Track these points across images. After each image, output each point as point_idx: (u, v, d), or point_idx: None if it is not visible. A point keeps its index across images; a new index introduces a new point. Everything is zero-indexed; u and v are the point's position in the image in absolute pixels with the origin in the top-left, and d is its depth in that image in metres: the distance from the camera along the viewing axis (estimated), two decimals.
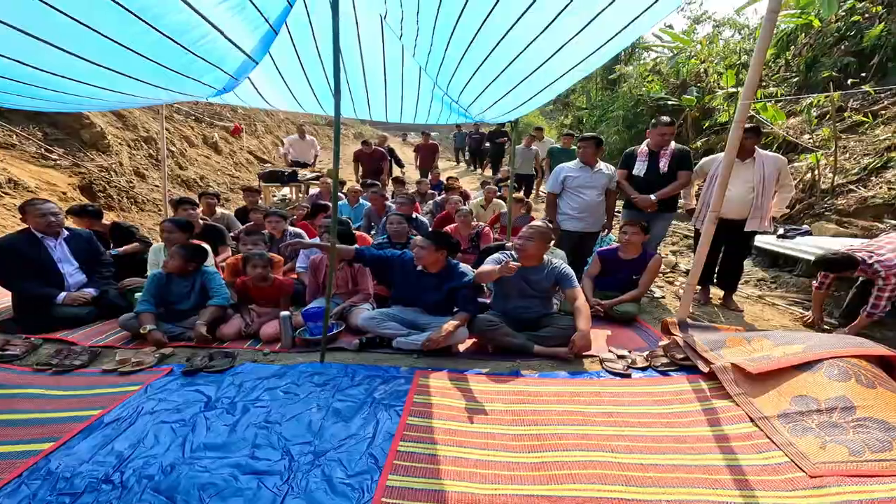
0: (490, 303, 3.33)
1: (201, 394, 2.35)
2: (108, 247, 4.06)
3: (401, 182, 7.64)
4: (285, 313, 3.03)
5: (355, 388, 2.41)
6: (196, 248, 3.40)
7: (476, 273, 3.08)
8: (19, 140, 5.96)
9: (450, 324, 2.85)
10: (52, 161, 6.04)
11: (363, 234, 4.75)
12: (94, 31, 2.13)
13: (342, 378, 2.51)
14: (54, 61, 2.39)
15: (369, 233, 5.46)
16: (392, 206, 5.55)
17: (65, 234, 3.45)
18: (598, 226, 4.14)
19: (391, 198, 6.34)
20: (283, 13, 2.68)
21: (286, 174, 8.16)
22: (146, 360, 2.70)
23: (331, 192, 2.77)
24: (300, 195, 8.56)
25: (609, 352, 2.88)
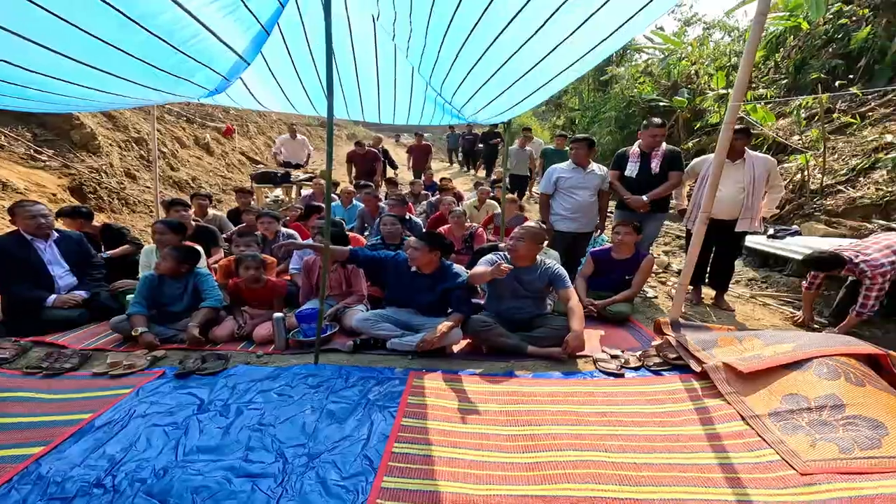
0: (484, 304, 3.34)
1: (194, 396, 2.33)
2: (98, 249, 4.02)
3: (393, 183, 7.63)
4: (279, 315, 3.02)
5: (349, 389, 2.41)
6: (189, 249, 3.38)
7: (469, 275, 3.09)
8: (8, 141, 5.89)
9: (444, 325, 2.85)
10: (42, 162, 5.97)
11: (357, 236, 4.74)
12: (81, 30, 2.10)
13: (336, 380, 2.50)
14: (41, 61, 2.34)
15: (363, 234, 5.45)
16: (386, 208, 5.55)
17: (55, 236, 3.41)
18: (591, 226, 4.17)
19: (384, 199, 6.33)
20: (274, 14, 2.68)
21: (279, 175, 8.10)
22: (138, 363, 2.68)
23: (324, 193, 2.76)
24: (292, 197, 8.51)
25: (602, 352, 2.90)
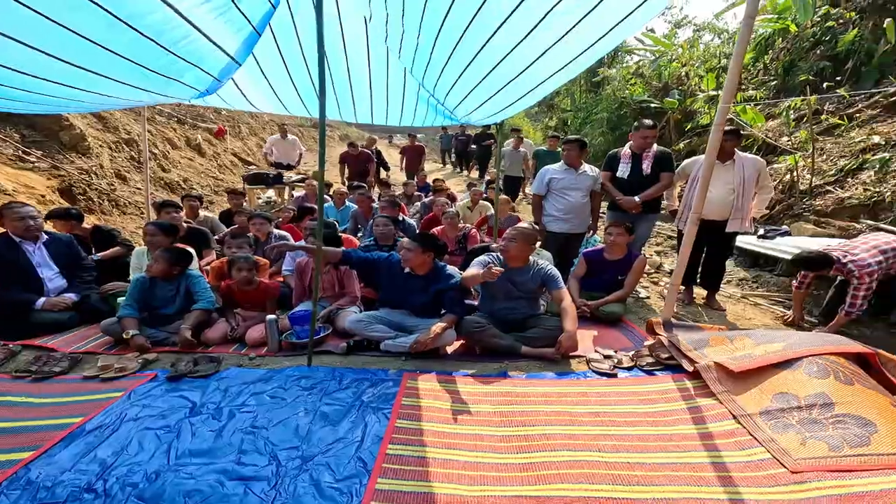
0: (477, 304, 3.35)
1: (186, 399, 2.31)
2: (89, 251, 3.97)
3: (386, 184, 7.61)
4: (271, 317, 3.00)
5: (343, 391, 2.40)
6: (180, 251, 3.35)
7: (462, 277, 3.09)
8: None
9: (437, 326, 2.85)
10: (30, 163, 5.89)
11: (349, 237, 4.73)
12: (68, 29, 2.08)
13: (330, 382, 2.49)
14: (27, 61, 2.32)
15: (356, 235, 5.44)
16: (379, 209, 5.54)
17: (44, 238, 3.38)
18: (584, 227, 4.18)
19: (377, 200, 6.32)
20: (266, 15, 2.67)
21: (271, 176, 8.06)
22: (129, 366, 2.65)
23: (316, 194, 2.75)
24: (284, 199, 8.47)
25: (595, 352, 2.91)
